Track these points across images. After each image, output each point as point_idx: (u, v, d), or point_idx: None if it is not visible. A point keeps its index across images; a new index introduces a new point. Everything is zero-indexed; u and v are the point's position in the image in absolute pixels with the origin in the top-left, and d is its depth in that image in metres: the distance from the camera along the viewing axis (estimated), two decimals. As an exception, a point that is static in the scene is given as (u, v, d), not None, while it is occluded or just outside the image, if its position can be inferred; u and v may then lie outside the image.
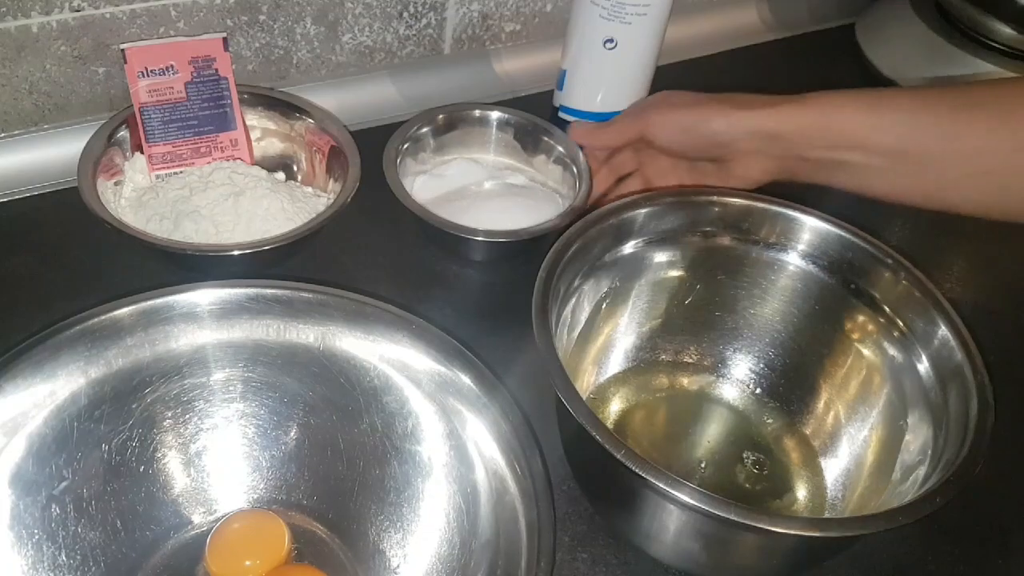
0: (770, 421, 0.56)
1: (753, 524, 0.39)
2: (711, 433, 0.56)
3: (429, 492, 0.46)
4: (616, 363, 0.57)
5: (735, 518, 0.39)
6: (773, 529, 0.39)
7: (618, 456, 0.40)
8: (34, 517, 0.43)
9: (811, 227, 0.52)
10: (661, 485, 0.40)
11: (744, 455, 0.54)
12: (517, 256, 0.63)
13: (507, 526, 0.42)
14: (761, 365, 0.56)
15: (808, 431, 0.55)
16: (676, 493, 0.39)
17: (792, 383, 0.55)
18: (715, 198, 0.52)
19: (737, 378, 0.57)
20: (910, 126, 0.51)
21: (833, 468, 0.53)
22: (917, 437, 0.47)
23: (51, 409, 0.44)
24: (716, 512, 0.39)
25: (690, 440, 0.55)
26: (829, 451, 0.53)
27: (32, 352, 0.43)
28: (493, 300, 0.63)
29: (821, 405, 0.54)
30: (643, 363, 0.58)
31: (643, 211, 0.51)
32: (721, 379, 0.57)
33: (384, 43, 0.75)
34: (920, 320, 0.49)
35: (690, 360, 0.58)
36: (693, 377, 0.58)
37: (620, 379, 0.57)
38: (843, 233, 0.51)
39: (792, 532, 0.39)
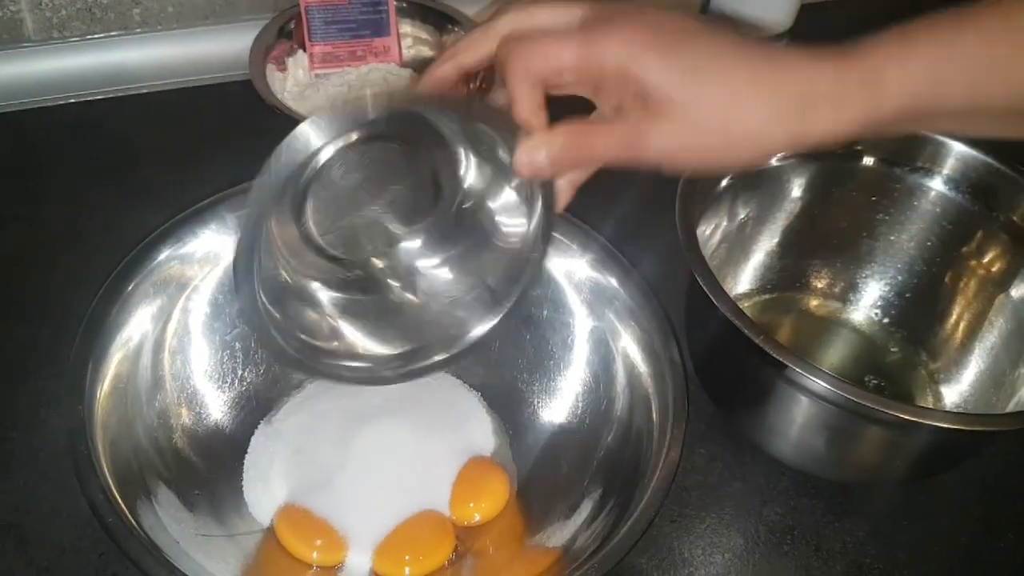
0: (895, 350, 0.56)
1: (892, 413, 0.40)
2: (834, 355, 0.57)
3: (567, 367, 0.48)
4: (746, 282, 0.58)
5: (873, 405, 0.40)
6: (910, 418, 0.40)
7: (757, 341, 0.42)
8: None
9: (957, 152, 0.52)
10: (799, 370, 0.41)
11: (866, 379, 0.55)
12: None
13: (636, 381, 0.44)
14: (892, 293, 0.57)
15: (932, 360, 0.55)
16: (814, 379, 0.41)
17: (921, 312, 0.56)
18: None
19: (866, 304, 0.57)
20: None
21: (952, 397, 0.54)
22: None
23: (228, 262, 0.48)
24: (856, 399, 0.40)
25: (813, 359, 0.56)
26: (952, 381, 0.54)
27: (222, 204, 0.47)
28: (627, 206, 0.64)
29: (948, 335, 0.55)
30: (772, 284, 0.59)
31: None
32: (850, 305, 0.58)
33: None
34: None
35: (820, 284, 0.58)
36: (822, 301, 0.58)
37: (748, 297, 0.58)
38: (989, 159, 0.51)
39: (929, 422, 0.40)
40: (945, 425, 0.41)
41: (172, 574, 0.35)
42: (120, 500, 0.37)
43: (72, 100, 0.67)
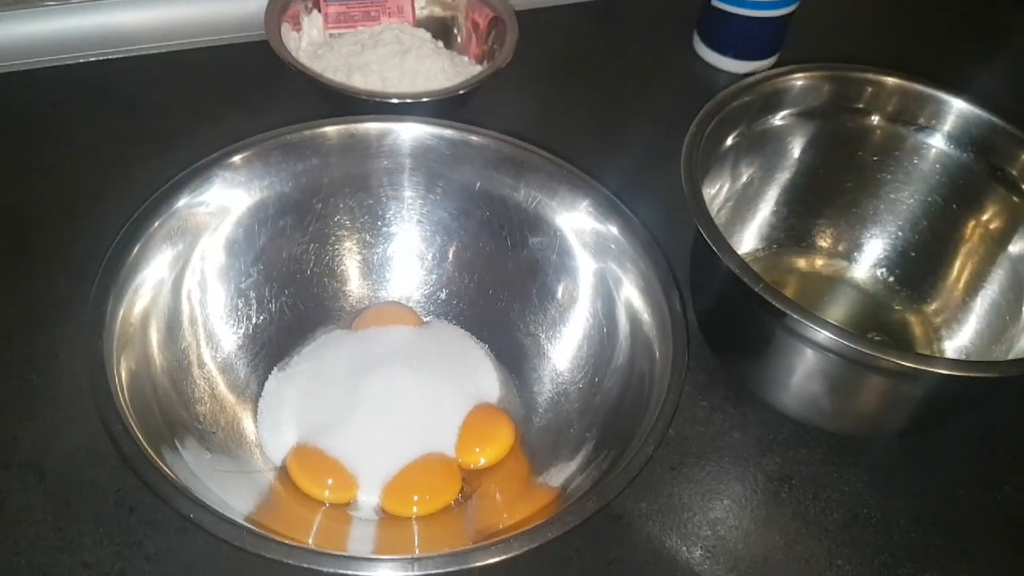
0: (898, 307, 0.57)
1: (891, 360, 0.41)
2: (838, 313, 0.57)
3: (571, 317, 0.50)
4: (751, 241, 0.59)
5: (870, 351, 0.41)
6: (909, 365, 0.41)
7: (756, 289, 0.43)
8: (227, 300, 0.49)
9: (958, 109, 0.52)
10: (798, 317, 0.42)
11: (869, 335, 0.56)
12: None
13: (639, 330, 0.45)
14: (896, 252, 0.57)
15: (934, 317, 0.56)
16: (813, 326, 0.41)
17: (924, 270, 0.56)
18: (870, 76, 0.53)
19: (871, 263, 0.58)
20: None
21: (952, 353, 0.54)
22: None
23: (243, 211, 0.49)
24: (854, 346, 0.41)
25: (816, 316, 0.57)
26: (954, 337, 0.54)
27: (240, 154, 0.48)
28: (637, 161, 0.65)
29: (950, 293, 0.55)
30: (777, 243, 0.59)
31: (798, 82, 0.53)
32: (855, 263, 0.58)
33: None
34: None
35: (825, 243, 0.59)
36: (827, 260, 0.59)
37: (753, 256, 0.59)
38: (989, 115, 0.52)
39: (927, 369, 0.41)
40: (943, 371, 0.41)
41: (190, 501, 0.36)
42: (139, 434, 0.39)
43: (92, 58, 0.68)
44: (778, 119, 0.54)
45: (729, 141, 0.53)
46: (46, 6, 0.68)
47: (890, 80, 0.53)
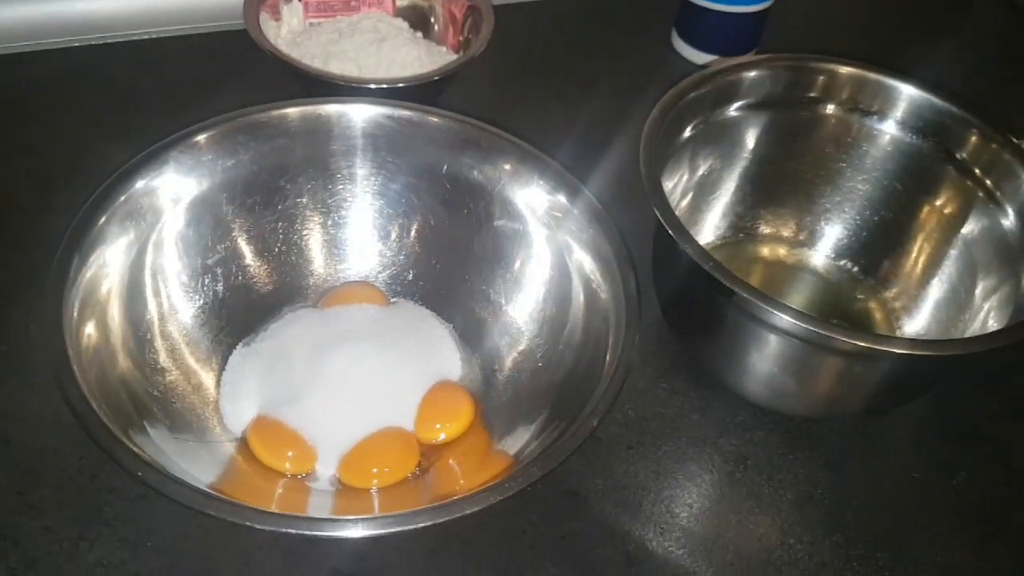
0: (860, 296, 0.58)
1: (848, 340, 0.41)
2: (799, 301, 0.58)
3: (532, 292, 0.51)
4: (712, 232, 0.60)
5: (827, 332, 0.41)
6: (864, 345, 0.41)
7: (706, 268, 0.44)
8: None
9: (907, 95, 0.53)
10: (748, 296, 0.43)
11: (832, 322, 0.56)
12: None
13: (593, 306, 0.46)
14: (856, 239, 0.58)
15: (895, 303, 0.56)
16: (766, 307, 0.42)
17: (886, 258, 0.57)
18: (824, 65, 0.54)
19: (831, 251, 0.59)
20: None
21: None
22: (1001, 305, 0.49)
23: (209, 190, 0.50)
24: (808, 327, 0.41)
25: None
26: (913, 323, 0.55)
27: (204, 133, 0.49)
28: (608, 153, 0.66)
29: (909, 279, 0.56)
30: (742, 234, 0.60)
31: (754, 73, 0.54)
32: (816, 252, 0.59)
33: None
34: (1009, 181, 0.50)
35: (787, 233, 0.60)
36: (790, 250, 0.60)
37: (715, 246, 0.59)
38: (937, 100, 0.53)
39: (886, 349, 0.42)
40: (897, 351, 0.42)
41: (140, 461, 0.37)
42: (97, 397, 0.39)
43: (75, 44, 0.69)
44: (735, 110, 0.55)
45: (688, 132, 0.53)
46: (30, -8, 0.69)
47: (843, 69, 0.54)
